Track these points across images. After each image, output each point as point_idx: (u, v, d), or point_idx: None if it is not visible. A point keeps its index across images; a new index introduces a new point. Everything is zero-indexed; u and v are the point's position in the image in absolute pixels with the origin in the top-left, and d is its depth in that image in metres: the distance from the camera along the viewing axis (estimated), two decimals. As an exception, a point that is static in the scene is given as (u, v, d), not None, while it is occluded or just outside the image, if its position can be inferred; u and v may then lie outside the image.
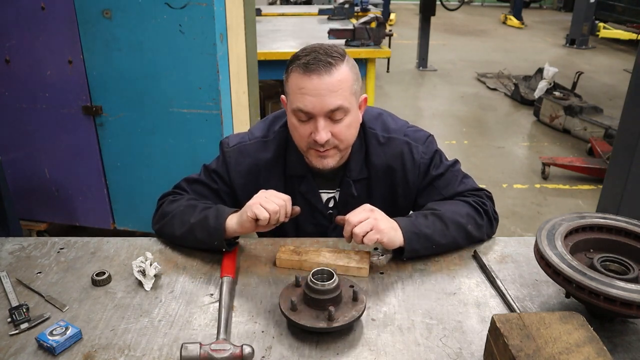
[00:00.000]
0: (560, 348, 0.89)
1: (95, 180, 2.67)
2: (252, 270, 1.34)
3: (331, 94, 1.26)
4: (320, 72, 1.25)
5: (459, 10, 10.57)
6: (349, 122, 1.33)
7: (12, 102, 2.54)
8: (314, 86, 1.26)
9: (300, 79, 1.27)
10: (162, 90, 2.40)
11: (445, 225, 1.35)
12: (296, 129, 1.34)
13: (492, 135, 5.35)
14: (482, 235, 1.43)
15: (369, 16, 4.38)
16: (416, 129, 1.51)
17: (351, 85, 1.30)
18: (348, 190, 1.47)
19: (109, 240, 1.46)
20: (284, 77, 1.35)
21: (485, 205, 1.43)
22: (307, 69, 1.26)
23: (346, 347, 1.07)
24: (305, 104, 1.27)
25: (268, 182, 1.45)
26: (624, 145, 2.41)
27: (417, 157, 1.45)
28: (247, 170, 1.47)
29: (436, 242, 1.34)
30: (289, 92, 1.34)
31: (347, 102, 1.29)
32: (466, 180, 1.50)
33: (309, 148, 1.36)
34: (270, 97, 4.88)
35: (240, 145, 1.48)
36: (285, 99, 1.39)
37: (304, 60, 1.27)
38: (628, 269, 1.12)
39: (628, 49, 9.37)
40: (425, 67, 7.91)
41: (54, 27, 2.36)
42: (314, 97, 1.26)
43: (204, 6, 2.21)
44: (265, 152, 1.47)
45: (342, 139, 1.34)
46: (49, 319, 1.14)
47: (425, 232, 1.32)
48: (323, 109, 1.28)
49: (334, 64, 1.26)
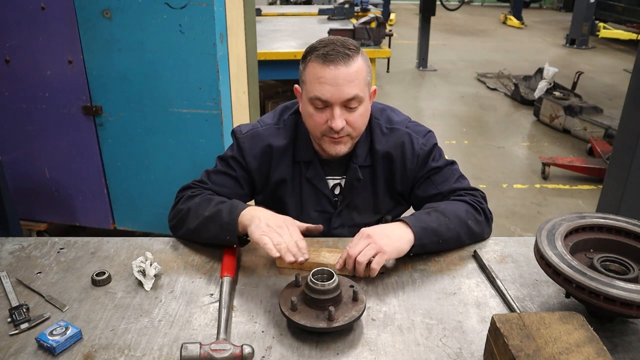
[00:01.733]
0: (560, 348, 0.89)
1: (95, 180, 2.66)
2: (252, 270, 1.34)
3: (348, 84, 1.32)
4: (339, 62, 1.31)
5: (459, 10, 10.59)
6: (362, 111, 1.40)
7: (12, 102, 2.54)
8: (332, 76, 1.31)
9: (319, 68, 1.33)
10: (162, 90, 2.40)
11: (448, 220, 1.37)
12: (311, 117, 1.39)
13: (492, 135, 5.35)
14: (481, 232, 1.45)
15: (369, 16, 4.38)
16: (417, 124, 1.58)
17: (365, 76, 1.37)
18: (354, 174, 1.52)
19: (109, 240, 1.46)
20: (301, 67, 1.41)
21: (481, 204, 1.47)
22: (326, 59, 1.31)
23: (346, 347, 1.07)
24: (323, 92, 1.33)
25: (278, 166, 1.52)
26: (624, 145, 2.41)
27: (416, 148, 1.50)
28: (261, 154, 1.51)
29: (442, 236, 1.36)
30: (305, 82, 1.39)
31: (362, 92, 1.36)
32: (462, 180, 1.54)
33: (323, 135, 1.41)
34: (270, 97, 4.88)
35: (252, 131, 1.54)
36: (299, 89, 1.45)
37: (323, 51, 1.33)
38: (628, 269, 1.12)
39: (628, 49, 9.37)
40: (425, 67, 7.91)
41: (54, 27, 2.36)
42: (332, 86, 1.32)
43: (204, 6, 2.21)
44: (277, 138, 1.52)
45: (356, 127, 1.40)
46: (49, 319, 1.14)
47: (432, 226, 1.34)
48: (340, 98, 1.33)
49: (351, 56, 1.33)
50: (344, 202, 1.55)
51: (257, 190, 1.57)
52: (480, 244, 1.45)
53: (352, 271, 1.26)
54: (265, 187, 1.56)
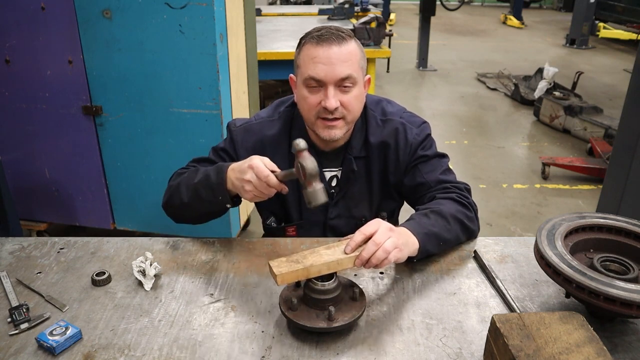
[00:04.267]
0: (560, 348, 0.89)
1: (95, 180, 2.67)
2: (252, 270, 1.34)
3: (342, 63, 1.34)
4: (332, 42, 1.35)
5: (459, 10, 10.58)
6: (357, 94, 1.41)
7: (12, 102, 2.55)
8: (326, 55, 1.34)
9: (313, 48, 1.36)
10: (162, 90, 2.40)
11: (447, 221, 1.38)
12: (305, 100, 1.41)
13: (492, 135, 5.35)
14: (474, 227, 1.46)
15: (369, 16, 4.38)
16: (412, 114, 1.60)
17: (359, 60, 1.39)
18: (350, 166, 1.52)
19: (109, 240, 1.46)
20: (296, 52, 1.43)
21: (467, 199, 1.48)
22: (320, 39, 1.35)
23: (346, 347, 1.07)
24: (317, 71, 1.35)
25: (272, 158, 1.49)
26: (624, 145, 2.41)
27: (410, 137, 1.52)
28: (253, 147, 1.52)
29: (443, 238, 1.36)
30: (300, 65, 1.41)
31: (356, 73, 1.38)
32: (449, 174, 1.55)
33: (317, 118, 1.41)
34: (270, 97, 4.88)
35: (246, 124, 1.56)
36: (294, 77, 1.47)
37: (317, 33, 1.37)
38: (628, 269, 1.12)
39: (628, 49, 9.37)
40: (425, 67, 7.91)
41: (54, 27, 2.36)
42: (326, 65, 1.34)
43: (204, 6, 2.21)
44: (271, 129, 1.54)
45: (350, 110, 1.41)
46: (49, 319, 1.14)
47: (433, 230, 1.34)
48: (334, 77, 1.35)
49: (344, 37, 1.37)
50: (340, 193, 1.56)
51: None
52: (480, 244, 1.45)
53: (364, 261, 1.13)
54: None
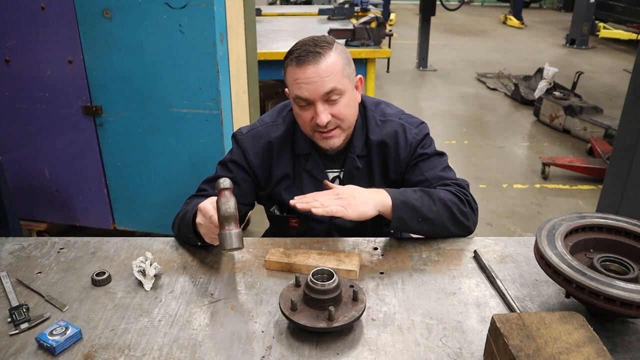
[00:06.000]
0: (560, 348, 0.89)
1: (95, 180, 2.67)
2: (252, 270, 1.34)
3: (323, 80, 1.39)
4: (309, 62, 1.39)
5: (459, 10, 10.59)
6: (346, 102, 1.44)
7: (12, 102, 2.55)
8: (306, 75, 1.39)
9: (294, 71, 1.41)
10: (162, 90, 2.40)
11: (432, 201, 1.41)
12: (299, 116, 1.47)
13: (492, 135, 5.35)
14: (467, 223, 1.47)
15: (369, 16, 4.38)
16: (411, 116, 1.63)
17: (342, 69, 1.42)
18: (353, 164, 1.56)
19: (109, 240, 1.46)
20: (283, 71, 1.49)
21: (466, 195, 1.50)
22: (299, 61, 1.40)
23: (346, 347, 1.07)
24: (301, 92, 1.40)
25: (279, 162, 1.58)
26: (624, 145, 2.41)
27: (409, 137, 1.56)
28: (263, 151, 1.57)
29: (424, 215, 1.39)
30: (287, 84, 1.48)
31: (340, 84, 1.41)
32: (449, 171, 1.58)
33: (314, 132, 1.47)
34: (270, 97, 4.87)
35: (253, 130, 1.60)
36: (288, 91, 1.52)
37: (296, 54, 1.41)
38: (628, 269, 1.12)
39: (628, 49, 9.37)
40: (425, 67, 7.91)
41: (54, 27, 2.36)
42: (309, 84, 1.39)
43: (204, 6, 2.21)
44: (277, 132, 1.59)
45: (343, 118, 1.45)
46: (49, 319, 1.14)
47: (414, 203, 1.39)
48: (318, 94, 1.39)
49: (322, 53, 1.39)
50: None
51: (260, 187, 1.61)
52: (480, 244, 1.45)
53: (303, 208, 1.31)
54: (268, 183, 1.60)
